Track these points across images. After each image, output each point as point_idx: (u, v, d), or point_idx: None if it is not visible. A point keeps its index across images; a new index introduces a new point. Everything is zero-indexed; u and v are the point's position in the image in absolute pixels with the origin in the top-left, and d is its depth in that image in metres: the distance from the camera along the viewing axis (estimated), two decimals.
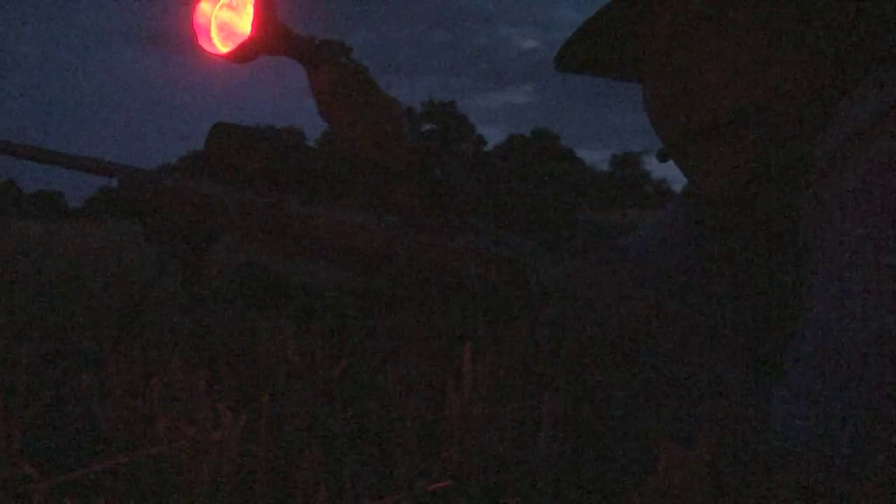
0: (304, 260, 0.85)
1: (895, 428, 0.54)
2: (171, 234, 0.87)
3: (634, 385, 0.70)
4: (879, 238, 0.58)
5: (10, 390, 0.79)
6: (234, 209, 0.85)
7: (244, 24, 0.78)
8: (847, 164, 0.61)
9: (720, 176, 0.76)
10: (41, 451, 0.71)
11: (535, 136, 48.57)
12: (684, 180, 0.87)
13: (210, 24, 0.81)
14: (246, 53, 0.79)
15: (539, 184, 0.86)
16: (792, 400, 0.59)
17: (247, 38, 0.77)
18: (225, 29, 0.81)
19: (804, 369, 0.60)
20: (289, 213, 0.84)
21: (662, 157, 0.82)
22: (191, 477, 0.59)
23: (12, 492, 0.62)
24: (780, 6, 0.72)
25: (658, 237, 0.91)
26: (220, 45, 0.80)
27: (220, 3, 0.80)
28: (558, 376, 0.71)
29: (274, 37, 0.78)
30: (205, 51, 0.81)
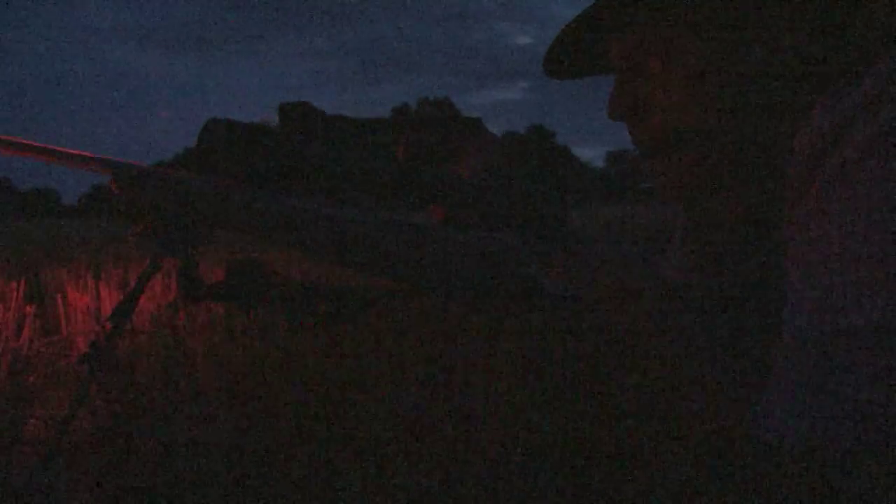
0: (299, 255, 0.85)
1: (885, 420, 0.55)
2: (166, 230, 0.87)
3: (629, 382, 0.70)
4: (866, 229, 0.59)
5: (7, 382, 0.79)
6: (228, 205, 0.85)
7: None
8: (828, 157, 0.62)
9: (668, 187, 0.80)
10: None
11: (531, 132, 48.55)
12: None
13: None
14: None
15: (534, 180, 0.87)
16: (780, 392, 0.60)
17: None
18: None
19: (793, 362, 0.60)
20: (282, 209, 0.84)
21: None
22: (184, 473, 0.59)
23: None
24: (735, 35, 0.73)
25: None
26: None
27: None
28: (554, 373, 0.71)
29: None
30: None
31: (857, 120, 0.61)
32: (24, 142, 0.94)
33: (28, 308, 1.52)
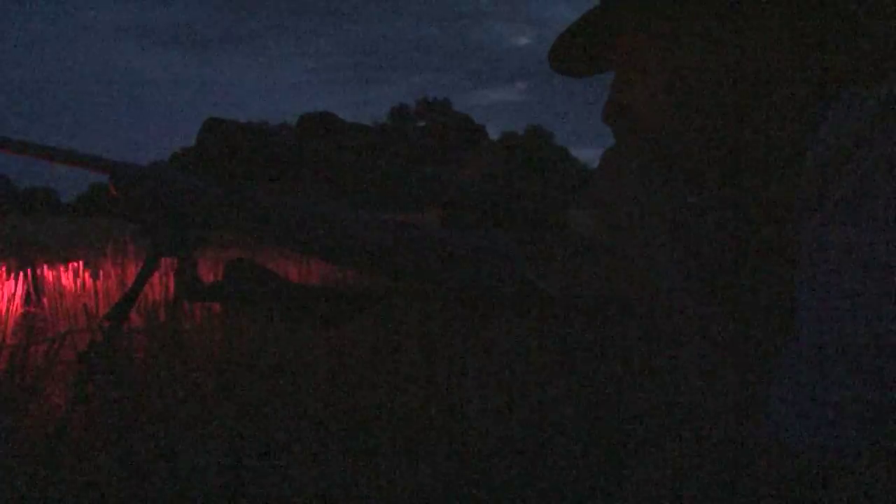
0: (298, 255, 0.85)
1: (891, 426, 0.55)
2: (164, 230, 0.87)
3: (627, 380, 0.70)
4: (879, 240, 0.58)
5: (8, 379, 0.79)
6: (227, 204, 0.85)
7: None
8: (843, 168, 0.62)
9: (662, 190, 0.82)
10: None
11: (529, 133, 48.56)
12: None
13: None
14: None
15: (532, 182, 0.87)
16: (789, 394, 0.60)
17: None
18: None
19: (802, 366, 0.60)
20: (281, 209, 0.84)
21: None
22: (182, 471, 0.59)
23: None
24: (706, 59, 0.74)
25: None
26: None
27: None
28: (548, 372, 0.71)
29: None
30: None
31: (877, 128, 0.60)
32: (23, 141, 0.94)
33: (27, 307, 1.52)
